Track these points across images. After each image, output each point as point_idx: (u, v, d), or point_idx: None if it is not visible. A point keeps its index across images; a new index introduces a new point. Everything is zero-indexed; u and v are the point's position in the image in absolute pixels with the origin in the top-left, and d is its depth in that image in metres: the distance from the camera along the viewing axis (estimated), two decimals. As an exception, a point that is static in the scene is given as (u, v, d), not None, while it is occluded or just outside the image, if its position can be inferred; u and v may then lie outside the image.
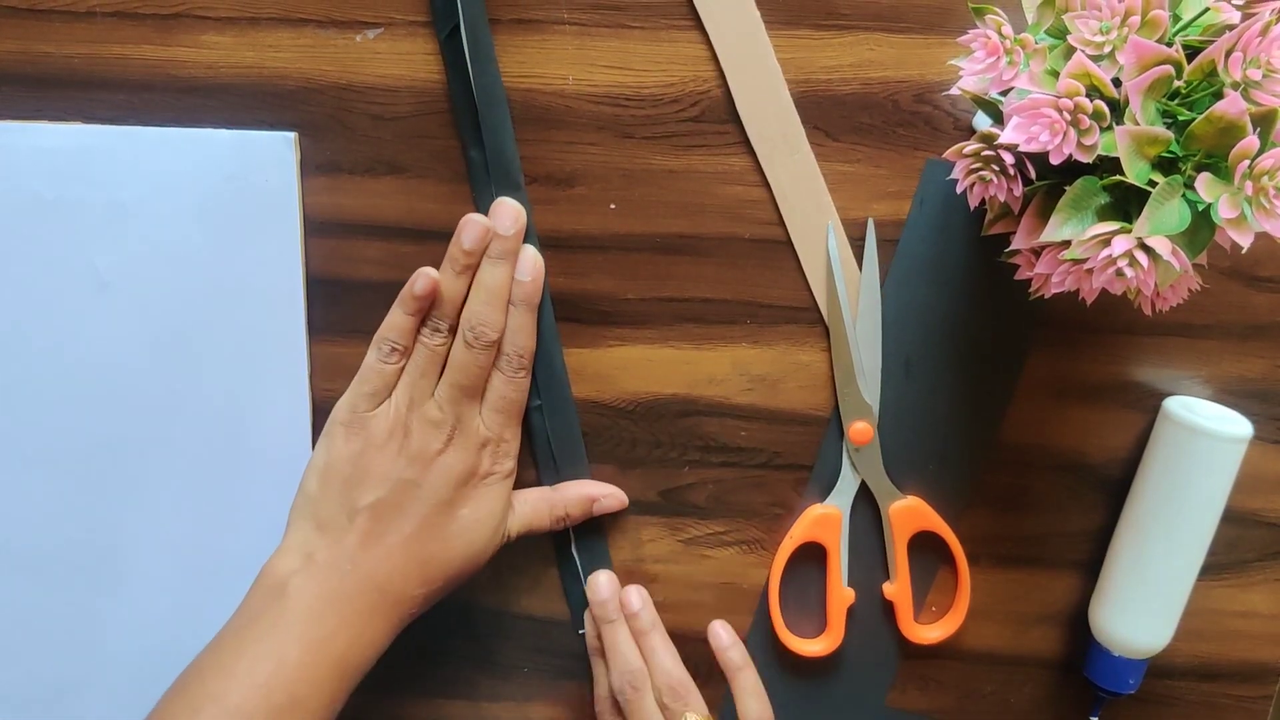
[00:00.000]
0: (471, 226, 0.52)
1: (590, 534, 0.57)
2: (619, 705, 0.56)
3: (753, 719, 0.56)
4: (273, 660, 0.48)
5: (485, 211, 0.53)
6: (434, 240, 0.53)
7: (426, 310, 0.52)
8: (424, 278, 0.51)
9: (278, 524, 0.55)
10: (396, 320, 0.52)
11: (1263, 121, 0.39)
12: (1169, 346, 0.55)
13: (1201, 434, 0.52)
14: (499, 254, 0.52)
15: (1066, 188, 0.41)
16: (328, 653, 0.49)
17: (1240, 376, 0.55)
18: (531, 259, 0.53)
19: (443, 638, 0.59)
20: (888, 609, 0.58)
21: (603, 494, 0.57)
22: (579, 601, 0.58)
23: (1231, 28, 0.39)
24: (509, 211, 0.52)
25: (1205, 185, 0.39)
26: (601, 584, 0.57)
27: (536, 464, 0.57)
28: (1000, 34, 0.41)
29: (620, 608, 0.57)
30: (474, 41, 0.52)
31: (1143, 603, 0.54)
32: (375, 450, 0.52)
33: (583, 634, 0.58)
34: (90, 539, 0.57)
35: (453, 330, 0.52)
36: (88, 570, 0.57)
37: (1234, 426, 0.53)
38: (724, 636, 0.57)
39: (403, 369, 0.52)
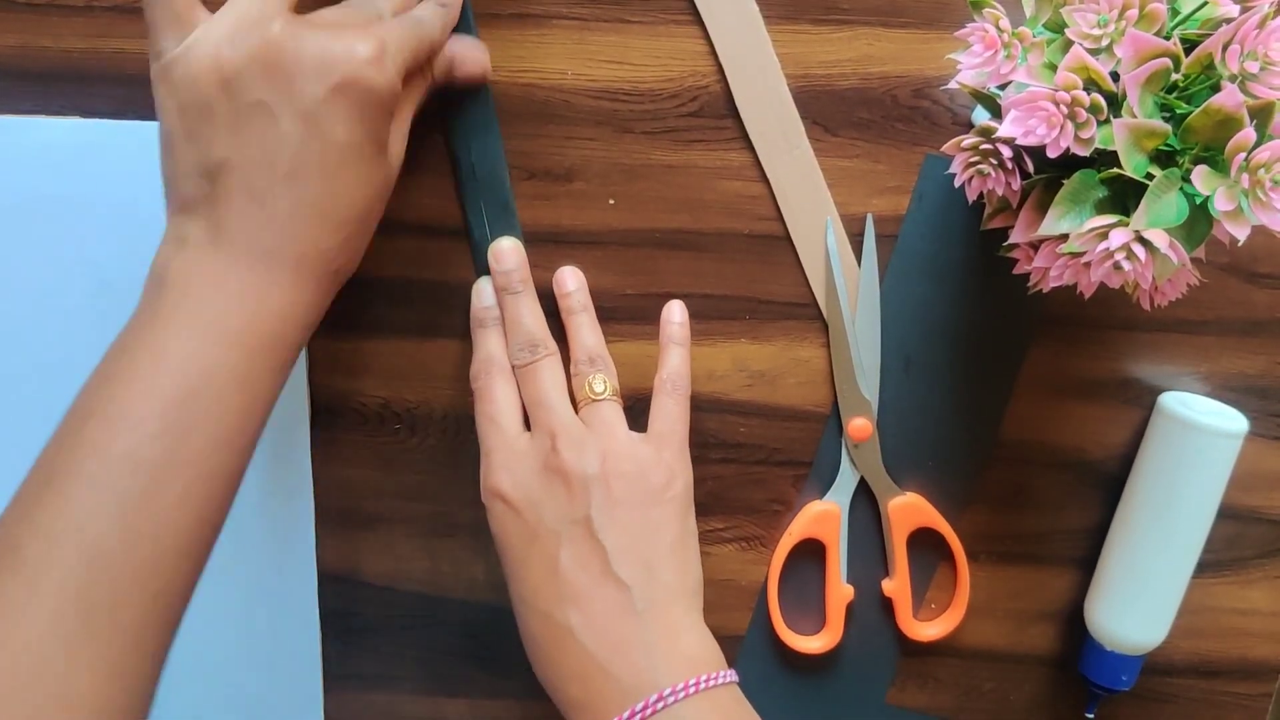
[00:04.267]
0: None
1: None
2: (501, 371, 0.51)
3: (667, 373, 0.52)
4: (153, 356, 0.42)
5: (473, 219, 0.53)
6: (431, 236, 0.53)
7: None
8: None
9: (276, 519, 0.55)
10: None
11: (1260, 114, 0.39)
12: (1168, 342, 0.55)
13: (1196, 429, 0.52)
14: None
15: (1064, 181, 0.41)
16: (221, 332, 0.42)
17: (1240, 373, 0.55)
18: None
19: (442, 636, 0.59)
20: (887, 606, 0.58)
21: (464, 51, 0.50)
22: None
23: (1229, 21, 0.39)
24: None
25: (1202, 178, 0.39)
26: (506, 251, 0.52)
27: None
28: (998, 28, 0.41)
29: (520, 275, 0.52)
30: None
31: (1137, 599, 0.54)
32: (202, 84, 0.42)
33: None
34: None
35: None
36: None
37: (1229, 422, 0.53)
38: (675, 311, 0.54)
39: None
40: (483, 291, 0.53)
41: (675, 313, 0.54)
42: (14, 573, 0.39)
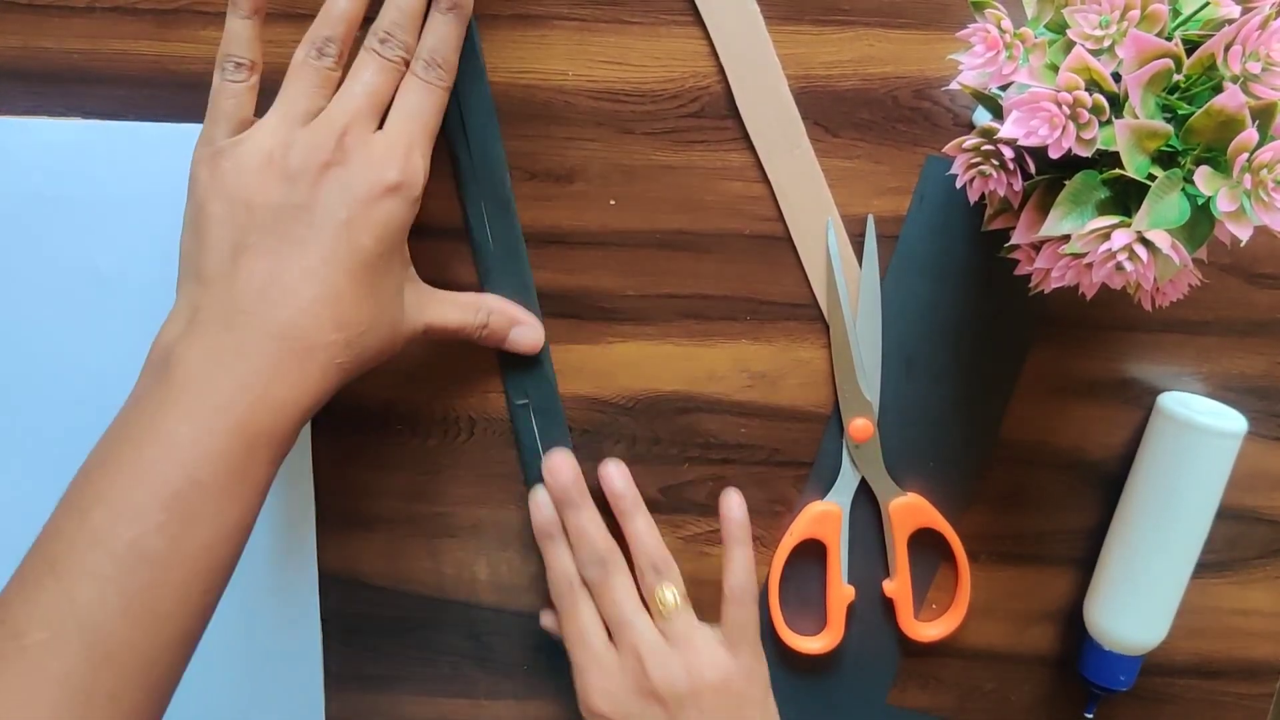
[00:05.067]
0: None
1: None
2: (580, 589, 0.54)
3: (734, 584, 0.54)
4: (160, 443, 0.41)
5: (473, 220, 0.53)
6: (429, 235, 0.53)
7: (264, 10, 0.44)
8: None
9: (277, 519, 0.55)
10: (234, 29, 0.44)
11: (1262, 115, 0.39)
12: (1169, 343, 0.55)
13: (1195, 430, 0.52)
14: None
15: (1066, 182, 0.41)
16: (224, 423, 0.42)
17: (1241, 373, 0.55)
18: None
19: (442, 635, 0.59)
20: (888, 606, 0.58)
21: (525, 319, 0.54)
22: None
23: (1231, 22, 0.39)
24: None
25: (1204, 179, 0.39)
26: (560, 465, 0.54)
27: (523, 463, 0.57)
28: (1000, 28, 0.41)
29: (577, 488, 0.54)
30: (465, 54, 0.51)
31: (1136, 599, 0.54)
32: (248, 175, 0.44)
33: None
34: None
35: (342, 58, 0.46)
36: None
37: (1229, 422, 0.53)
38: (735, 506, 0.55)
39: (255, 87, 0.45)
40: (541, 504, 0.55)
41: (734, 508, 0.55)
42: (17, 660, 0.39)
